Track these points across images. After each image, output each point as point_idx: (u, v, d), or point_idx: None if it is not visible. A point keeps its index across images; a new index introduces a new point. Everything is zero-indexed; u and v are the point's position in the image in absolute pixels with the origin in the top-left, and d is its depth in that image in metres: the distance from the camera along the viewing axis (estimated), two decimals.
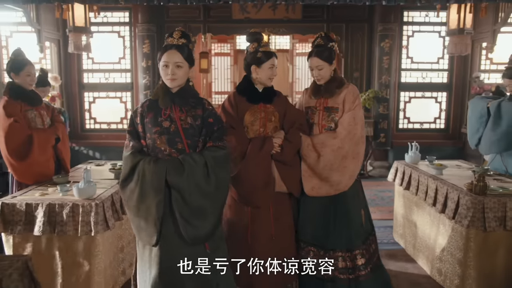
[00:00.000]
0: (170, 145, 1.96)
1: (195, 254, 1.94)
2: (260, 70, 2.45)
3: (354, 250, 2.49)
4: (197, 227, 1.90)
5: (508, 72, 3.17)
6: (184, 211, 1.88)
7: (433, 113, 6.89)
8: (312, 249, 2.52)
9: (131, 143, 2.01)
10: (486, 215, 2.51)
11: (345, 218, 2.50)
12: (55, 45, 6.46)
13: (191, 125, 1.99)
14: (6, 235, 2.48)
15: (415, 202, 3.41)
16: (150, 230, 1.89)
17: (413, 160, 3.62)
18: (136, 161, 1.93)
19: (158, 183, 1.87)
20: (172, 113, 1.98)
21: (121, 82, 6.82)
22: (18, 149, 2.86)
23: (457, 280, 2.71)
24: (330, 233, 2.49)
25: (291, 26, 6.66)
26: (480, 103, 3.39)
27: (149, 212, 1.88)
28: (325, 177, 2.47)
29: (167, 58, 1.96)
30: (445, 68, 6.74)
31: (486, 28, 5.95)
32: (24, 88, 2.88)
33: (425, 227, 3.22)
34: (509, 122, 3.06)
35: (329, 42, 2.55)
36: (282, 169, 2.45)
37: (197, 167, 1.90)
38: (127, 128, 2.08)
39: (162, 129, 1.96)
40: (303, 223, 2.56)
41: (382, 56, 6.44)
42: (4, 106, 2.81)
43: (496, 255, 2.58)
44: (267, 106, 2.49)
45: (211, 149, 1.97)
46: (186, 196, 1.88)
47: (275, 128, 2.50)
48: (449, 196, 2.79)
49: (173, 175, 1.87)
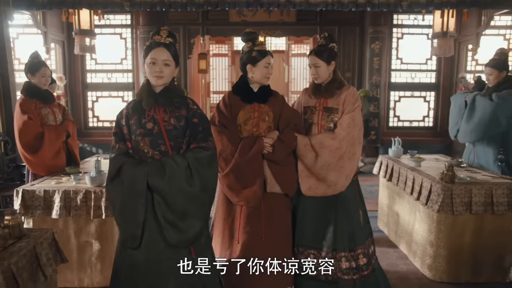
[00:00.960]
0: (152, 147, 1.93)
1: (180, 258, 1.91)
2: (255, 69, 2.45)
3: (356, 250, 2.50)
4: (181, 231, 1.88)
5: (491, 62, 3.49)
6: (167, 214, 1.86)
7: (421, 112, 7.20)
8: (312, 252, 2.52)
9: (117, 145, 1.98)
10: (454, 201, 2.82)
11: (346, 218, 2.51)
12: (59, 46, 6.74)
13: (174, 126, 1.95)
14: (27, 218, 2.77)
15: (397, 192, 3.71)
16: (131, 233, 1.87)
17: (396, 154, 3.93)
18: (120, 163, 1.91)
19: (140, 186, 1.84)
20: (156, 114, 1.95)
21: (123, 82, 7.10)
22: (30, 144, 3.15)
23: (429, 260, 3.02)
24: (332, 234, 2.48)
25: (286, 29, 6.96)
26: (460, 97, 3.71)
27: (132, 214, 1.86)
28: (322, 177, 2.48)
29: (155, 55, 1.93)
30: (433, 68, 7.05)
31: (470, 31, 6.27)
32: (39, 87, 3.18)
33: (405, 215, 3.52)
34: (480, 115, 3.37)
35: (330, 43, 2.58)
36: (274, 169, 2.43)
37: (179, 169, 1.86)
38: (113, 129, 2.04)
39: (146, 131, 1.93)
40: (302, 226, 2.54)
41: (373, 57, 6.74)
42: (21, 104, 3.11)
43: (463, 236, 2.88)
44: (261, 105, 2.48)
45: (194, 151, 1.93)
46: (168, 199, 1.86)
47: (269, 128, 2.49)
48: (423, 185, 3.10)
49: (154, 178, 1.85)
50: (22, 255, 1.67)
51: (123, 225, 1.91)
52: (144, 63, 1.97)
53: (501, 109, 3.27)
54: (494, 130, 3.34)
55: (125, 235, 1.92)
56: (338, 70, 2.64)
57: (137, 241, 1.87)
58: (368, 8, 3.92)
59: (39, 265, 1.79)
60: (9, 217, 1.81)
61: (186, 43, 6.89)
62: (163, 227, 1.86)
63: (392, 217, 3.83)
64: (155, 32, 2.01)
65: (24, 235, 1.86)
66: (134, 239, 1.87)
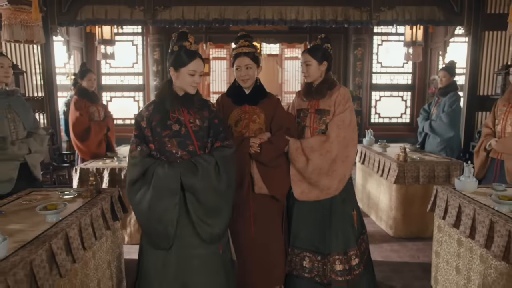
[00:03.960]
0: (181, 147, 1.97)
1: (208, 255, 1.98)
2: (236, 71, 2.46)
3: (349, 252, 2.49)
4: (213, 226, 1.94)
5: (445, 67, 4.43)
6: (199, 211, 1.91)
7: (399, 110, 8.16)
8: (308, 255, 2.50)
9: (138, 147, 1.97)
10: (406, 175, 3.75)
11: (340, 221, 2.48)
12: (78, 52, 7.59)
13: (200, 127, 2.00)
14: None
15: (368, 173, 4.64)
16: (165, 233, 1.89)
17: (368, 143, 4.85)
18: (147, 165, 1.91)
19: (174, 185, 1.87)
20: (181, 116, 1.99)
21: (134, 83, 7.98)
22: (80, 134, 4.03)
23: (390, 221, 3.94)
24: (326, 238, 2.47)
25: (279, 36, 7.87)
26: (421, 123, 4.63)
27: (165, 215, 1.88)
28: (314, 181, 2.44)
29: (195, 67, 1.98)
30: (409, 71, 8.00)
31: (440, 39, 7.22)
32: (88, 89, 4.05)
33: (373, 190, 4.44)
34: (441, 133, 4.32)
35: (324, 43, 2.56)
36: (262, 170, 2.41)
37: (210, 167, 1.91)
38: (134, 132, 2.03)
39: (172, 132, 1.96)
40: (298, 229, 2.54)
41: (356, 61, 7.67)
42: (74, 103, 3.99)
43: (413, 202, 3.80)
44: (252, 107, 2.47)
45: (219, 149, 1.99)
46: (200, 196, 1.90)
47: (260, 129, 2.47)
48: (385, 164, 4.02)
49: (188, 176, 1.88)
50: (106, 202, 2.54)
51: (153, 226, 1.91)
52: (178, 71, 1.98)
53: (453, 121, 4.24)
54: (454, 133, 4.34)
55: (155, 236, 1.93)
56: (331, 72, 2.61)
57: (171, 241, 1.91)
58: (346, 25, 4.83)
59: (114, 209, 2.66)
60: (92, 178, 2.68)
61: None
62: (196, 223, 1.90)
63: (365, 194, 4.76)
64: (182, 37, 2.00)
65: (101, 192, 2.73)
66: (167, 238, 1.91)
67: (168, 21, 4.69)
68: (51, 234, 1.91)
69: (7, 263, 1.58)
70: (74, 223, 2.10)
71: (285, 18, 4.81)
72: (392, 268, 3.27)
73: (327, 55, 2.55)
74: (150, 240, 1.97)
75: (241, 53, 2.42)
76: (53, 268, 1.83)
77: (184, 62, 1.96)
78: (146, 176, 1.90)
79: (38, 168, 3.03)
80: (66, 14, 4.60)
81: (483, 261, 2.34)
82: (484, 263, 2.33)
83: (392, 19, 4.82)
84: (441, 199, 2.79)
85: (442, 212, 2.74)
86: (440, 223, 2.87)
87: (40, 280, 1.69)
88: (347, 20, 4.80)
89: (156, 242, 1.95)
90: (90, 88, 4.06)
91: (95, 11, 4.69)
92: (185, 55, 1.96)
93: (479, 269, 2.38)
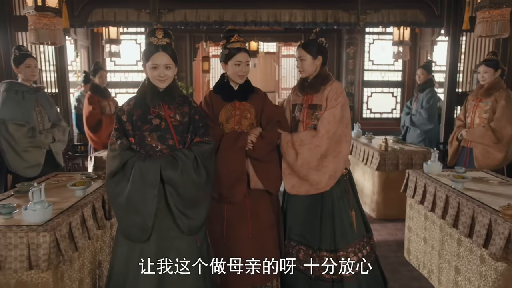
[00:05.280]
0: (161, 141, 1.99)
1: (185, 247, 2.00)
2: (227, 67, 2.43)
3: (338, 251, 2.43)
4: (193, 218, 1.98)
5: (423, 66, 4.88)
6: (179, 203, 1.94)
7: (390, 105, 8.56)
8: (302, 248, 2.52)
9: (118, 140, 1.98)
10: (387, 162, 4.18)
11: (331, 219, 2.45)
12: (84, 50, 7.97)
13: (180, 122, 2.03)
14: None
15: (355, 162, 5.06)
16: (143, 225, 1.91)
17: (356, 135, 5.28)
18: (127, 158, 1.92)
19: (153, 178, 1.89)
20: (161, 111, 2.01)
21: (137, 80, 8.35)
22: (92, 126, 4.46)
23: (373, 205, 4.38)
24: (316, 233, 2.47)
25: (275, 36, 8.27)
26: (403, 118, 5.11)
27: (143, 207, 1.90)
28: (304, 175, 2.43)
29: (156, 60, 1.96)
30: (399, 69, 8.41)
31: (427, 39, 7.62)
32: (99, 86, 4.47)
33: (360, 177, 4.88)
34: (421, 125, 4.79)
35: (319, 38, 2.54)
36: (256, 165, 2.41)
37: (188, 162, 1.94)
38: (114, 125, 2.05)
39: (153, 126, 1.98)
40: (292, 222, 2.57)
41: (348, 59, 8.07)
42: (88, 98, 4.42)
43: (393, 187, 4.22)
44: (242, 103, 2.46)
45: (198, 144, 2.03)
46: (180, 189, 1.93)
47: (251, 125, 2.46)
48: (369, 154, 4.46)
49: (168, 170, 1.91)
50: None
51: (131, 218, 1.92)
52: (145, 66, 2.00)
53: (431, 115, 4.69)
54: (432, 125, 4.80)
55: (132, 228, 1.94)
56: (326, 66, 2.57)
57: (148, 232, 1.93)
58: (335, 26, 5.23)
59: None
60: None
61: (191, 48, 8.17)
62: (176, 215, 1.94)
63: None
64: (151, 33, 1.99)
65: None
66: (145, 230, 1.92)
67: (172, 23, 5.09)
68: (82, 204, 2.34)
69: (53, 222, 2.02)
70: (98, 197, 2.53)
71: (280, 20, 5.21)
72: None
73: (322, 50, 2.52)
74: (127, 234, 1.97)
75: (241, 48, 2.39)
76: (83, 231, 2.27)
77: (147, 57, 1.99)
78: (125, 169, 1.92)
79: (61, 156, 3.46)
80: (78, 17, 4.98)
81: (441, 230, 2.78)
82: (442, 231, 2.78)
83: (378, 21, 5.22)
84: (411, 181, 3.24)
85: (412, 192, 3.19)
86: (411, 202, 3.32)
87: (75, 238, 2.13)
88: (337, 22, 5.20)
89: (133, 235, 1.95)
90: (101, 84, 4.48)
91: (105, 14, 5.08)
92: (148, 50, 1.98)
93: (439, 237, 2.82)
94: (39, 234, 1.88)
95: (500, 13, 3.47)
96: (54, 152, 3.33)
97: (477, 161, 3.59)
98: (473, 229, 2.31)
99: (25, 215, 1.99)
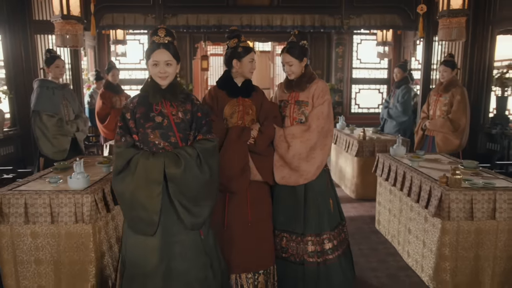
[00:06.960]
0: (163, 139, 2.01)
1: (189, 241, 2.05)
2: (241, 64, 2.53)
3: (322, 235, 2.60)
4: (197, 215, 2.01)
5: (399, 65, 5.50)
6: (183, 200, 1.97)
7: (376, 101, 9.17)
8: (285, 235, 2.65)
9: (123, 138, 2.01)
10: (364, 150, 4.80)
11: (315, 205, 2.62)
12: (91, 50, 8.53)
13: (182, 120, 2.04)
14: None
15: (339, 151, 5.68)
16: (149, 220, 1.96)
17: (340, 127, 5.89)
18: (131, 155, 1.95)
19: (157, 175, 1.92)
20: (163, 108, 2.02)
21: (141, 78, 8.93)
22: (101, 118, 5.07)
23: (353, 187, 5.00)
24: (301, 220, 2.60)
25: (270, 36, 8.86)
26: (382, 111, 5.73)
27: (149, 204, 1.94)
28: (295, 166, 2.57)
29: (157, 57, 1.99)
30: (385, 67, 9.01)
31: (410, 39, 8.23)
32: (112, 83, 5.06)
33: (342, 164, 5.50)
34: (396, 118, 5.42)
35: (301, 40, 2.64)
36: (256, 159, 2.54)
37: (192, 159, 1.96)
38: (118, 123, 2.07)
39: (155, 124, 2.00)
40: (277, 211, 2.69)
41: (337, 58, 8.67)
42: (100, 94, 5.02)
43: (370, 171, 4.79)
44: (245, 100, 2.58)
45: (201, 142, 2.04)
46: (183, 186, 1.96)
47: (252, 120, 2.60)
48: (350, 142, 5.07)
49: (172, 168, 1.93)
50: None
51: (137, 213, 1.97)
52: (148, 64, 2.05)
53: (406, 109, 5.33)
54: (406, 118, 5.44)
55: (139, 223, 1.99)
56: (309, 65, 2.74)
57: (154, 227, 1.97)
58: (321, 29, 5.84)
59: None
60: None
61: (191, 47, 8.74)
62: (180, 212, 1.98)
63: (337, 168, 5.81)
64: (153, 33, 2.03)
65: None
66: (151, 225, 1.97)
67: (175, 26, 5.67)
68: (109, 178, 2.93)
69: (91, 188, 2.61)
70: None
71: (272, 24, 5.81)
72: (350, 219, 4.31)
73: (305, 51, 2.65)
74: (134, 228, 2.03)
75: (251, 48, 2.57)
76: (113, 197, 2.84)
77: (148, 54, 2.03)
78: (130, 166, 1.95)
79: (82, 143, 4.06)
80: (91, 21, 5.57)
81: (400, 200, 3.40)
82: (400, 202, 3.40)
83: (360, 24, 5.83)
84: (380, 162, 3.85)
85: (380, 172, 3.80)
86: (380, 180, 3.93)
87: (108, 202, 2.72)
88: (323, 26, 5.81)
89: (140, 229, 2.01)
90: (114, 82, 5.07)
91: (115, 18, 5.65)
92: (150, 48, 2.03)
93: (398, 207, 3.44)
94: (83, 196, 2.47)
95: (458, 21, 4.09)
96: (78, 139, 3.92)
97: (438, 147, 4.22)
98: (420, 196, 2.92)
99: (70, 182, 2.58)
